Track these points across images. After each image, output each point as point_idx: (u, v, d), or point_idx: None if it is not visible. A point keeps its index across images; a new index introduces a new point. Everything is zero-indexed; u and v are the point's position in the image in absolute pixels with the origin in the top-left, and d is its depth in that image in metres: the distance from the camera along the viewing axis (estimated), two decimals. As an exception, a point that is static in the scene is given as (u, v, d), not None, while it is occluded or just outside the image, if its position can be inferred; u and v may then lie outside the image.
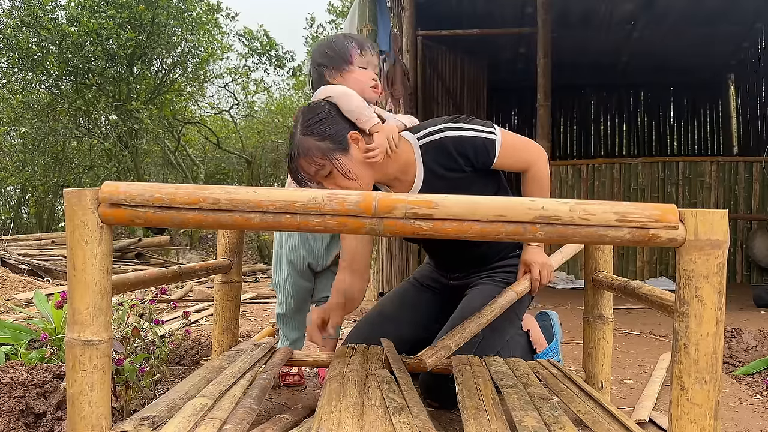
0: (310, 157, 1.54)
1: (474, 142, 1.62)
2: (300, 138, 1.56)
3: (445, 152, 1.64)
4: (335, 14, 14.33)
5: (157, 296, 2.23)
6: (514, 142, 1.68)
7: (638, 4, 5.96)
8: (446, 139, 1.63)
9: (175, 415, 1.05)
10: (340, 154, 1.55)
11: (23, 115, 9.38)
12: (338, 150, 1.55)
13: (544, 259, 1.72)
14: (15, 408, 1.41)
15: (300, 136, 1.56)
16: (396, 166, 1.66)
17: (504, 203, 0.94)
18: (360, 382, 1.28)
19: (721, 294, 0.92)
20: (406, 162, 1.67)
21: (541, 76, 5.30)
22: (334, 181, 1.57)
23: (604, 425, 1.10)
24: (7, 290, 4.24)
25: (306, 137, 1.55)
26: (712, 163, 5.89)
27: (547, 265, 1.71)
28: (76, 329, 0.98)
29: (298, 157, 1.56)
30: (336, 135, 1.56)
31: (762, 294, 4.12)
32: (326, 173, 1.56)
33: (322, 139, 1.55)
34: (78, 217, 0.97)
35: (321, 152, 1.54)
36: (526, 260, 1.74)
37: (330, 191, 0.97)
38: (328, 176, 1.56)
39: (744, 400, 1.95)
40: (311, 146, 1.54)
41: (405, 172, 1.68)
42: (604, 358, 1.55)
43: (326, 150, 1.54)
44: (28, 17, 8.84)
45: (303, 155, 1.55)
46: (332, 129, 1.56)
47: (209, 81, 12.07)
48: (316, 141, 1.55)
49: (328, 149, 1.54)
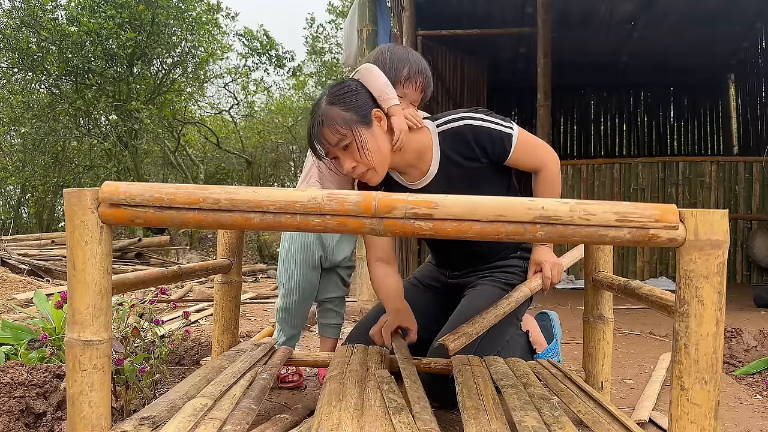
0: (334, 127, 1.55)
1: (492, 133, 1.64)
2: (325, 108, 1.57)
3: (463, 141, 1.66)
4: (335, 14, 14.34)
5: (157, 296, 2.22)
6: (530, 140, 1.70)
7: (638, 4, 5.96)
8: (465, 128, 1.65)
9: (175, 415, 1.05)
10: (363, 127, 1.57)
11: (23, 115, 9.38)
12: (362, 123, 1.57)
13: (554, 259, 1.73)
14: (15, 408, 1.41)
15: (325, 105, 1.58)
16: (413, 152, 1.68)
17: (504, 203, 0.94)
18: (360, 382, 1.28)
19: (721, 294, 0.92)
20: (423, 147, 1.68)
21: (541, 76, 5.29)
22: (351, 155, 1.57)
23: (604, 425, 1.10)
24: (7, 290, 4.24)
25: (332, 107, 1.57)
26: (712, 163, 5.89)
27: (558, 264, 1.72)
28: (76, 329, 0.98)
29: (321, 125, 1.56)
30: (361, 108, 1.58)
31: (762, 294, 4.12)
32: (346, 144, 1.56)
33: (347, 109, 1.56)
34: (78, 217, 0.97)
35: (345, 122, 1.55)
36: (536, 259, 1.75)
37: (330, 191, 0.96)
38: (346, 148, 1.57)
39: (744, 400, 1.95)
40: (336, 116, 1.55)
41: (421, 158, 1.69)
42: (604, 358, 1.55)
43: (350, 121, 1.56)
44: (28, 17, 8.84)
45: (327, 124, 1.56)
46: (358, 102, 1.58)
47: (209, 81, 12.07)
48: (341, 111, 1.56)
49: (352, 120, 1.56)
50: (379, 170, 1.61)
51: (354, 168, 1.58)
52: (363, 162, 1.57)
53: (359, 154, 1.56)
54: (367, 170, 1.59)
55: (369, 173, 1.60)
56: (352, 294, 4.57)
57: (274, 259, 10.13)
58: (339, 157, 1.60)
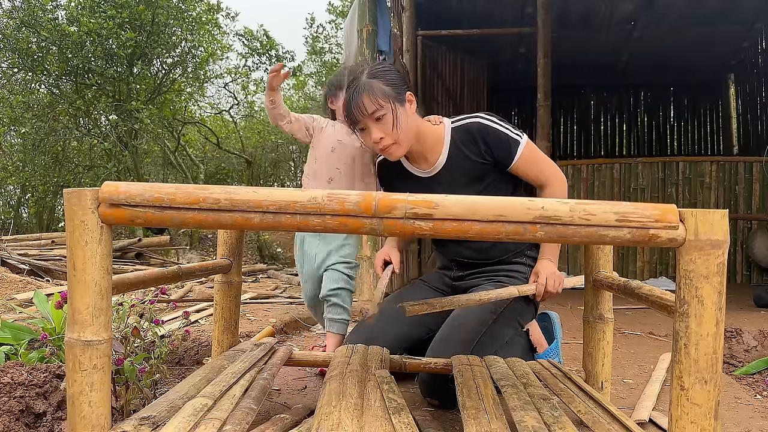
0: (374, 96, 1.65)
1: (498, 135, 1.74)
2: (366, 80, 1.67)
3: (470, 136, 1.76)
4: (335, 14, 14.34)
5: (157, 296, 2.22)
6: (537, 153, 1.78)
7: (638, 4, 5.96)
8: (474, 125, 1.76)
9: (175, 415, 1.05)
10: (399, 104, 1.69)
11: (23, 115, 9.37)
12: (398, 100, 1.69)
13: (553, 270, 1.75)
14: (15, 408, 1.41)
15: (366, 78, 1.68)
16: (428, 142, 1.80)
17: (504, 203, 0.94)
18: (360, 382, 1.28)
19: (721, 294, 0.92)
20: (437, 140, 1.81)
21: (541, 76, 5.30)
22: (382, 127, 1.67)
23: (604, 425, 1.10)
24: (7, 290, 4.24)
25: (373, 80, 1.68)
26: (712, 163, 5.89)
27: (556, 276, 1.73)
28: (76, 329, 0.98)
29: (361, 93, 1.66)
30: (398, 87, 1.70)
31: (762, 294, 4.12)
32: (380, 116, 1.66)
33: (388, 84, 1.68)
34: (78, 217, 0.97)
35: (385, 95, 1.66)
36: (536, 270, 1.77)
37: (330, 191, 0.96)
38: (379, 119, 1.66)
39: (744, 400, 1.95)
40: (377, 87, 1.66)
41: (433, 149, 1.81)
42: (604, 358, 1.55)
43: (390, 95, 1.67)
44: (28, 17, 8.83)
45: (368, 93, 1.65)
46: (396, 81, 1.71)
47: (209, 81, 12.06)
48: (382, 84, 1.67)
49: (391, 94, 1.67)
50: (403, 146, 1.72)
51: (381, 139, 1.68)
52: (392, 135, 1.68)
53: (390, 127, 1.67)
54: (392, 144, 1.69)
55: (393, 147, 1.70)
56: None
57: (274, 259, 10.13)
58: (368, 128, 1.69)
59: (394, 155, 1.74)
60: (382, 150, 1.72)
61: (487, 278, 1.86)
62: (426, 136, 1.79)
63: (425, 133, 1.79)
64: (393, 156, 1.74)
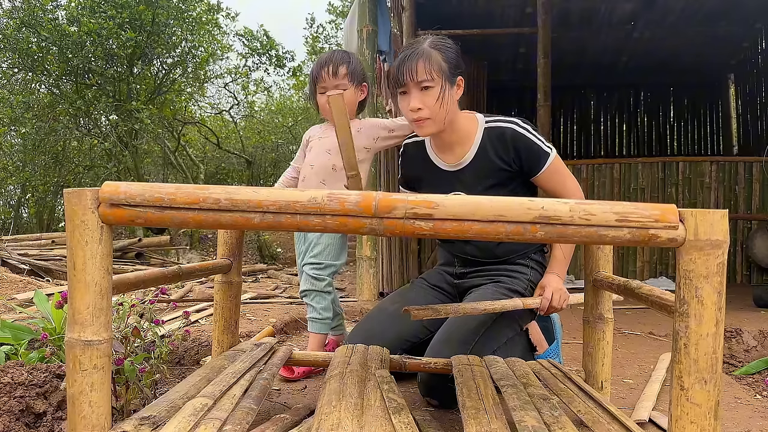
0: (429, 66, 1.65)
1: (531, 145, 1.74)
2: (427, 48, 1.67)
3: (503, 140, 1.75)
4: (335, 14, 14.35)
5: (157, 296, 2.22)
6: (564, 169, 1.80)
7: (638, 4, 5.95)
8: (509, 130, 1.75)
9: (175, 415, 1.05)
10: (449, 84, 1.69)
11: (23, 115, 9.37)
12: (450, 79, 1.69)
13: (559, 286, 1.74)
14: (15, 408, 1.41)
15: (428, 46, 1.68)
16: (459, 133, 1.79)
17: (504, 203, 0.94)
18: (360, 382, 1.28)
19: (721, 294, 0.92)
20: (468, 133, 1.80)
21: (541, 76, 5.29)
22: (425, 98, 1.67)
23: (604, 425, 1.10)
24: (7, 290, 4.24)
25: (435, 50, 1.68)
26: (712, 163, 5.88)
27: (563, 291, 1.73)
28: (76, 329, 0.98)
29: (418, 58, 1.66)
30: (455, 67, 1.71)
31: (762, 294, 4.12)
32: (427, 86, 1.66)
33: (446, 60, 1.69)
34: (78, 217, 0.97)
35: (439, 68, 1.67)
36: (543, 284, 1.77)
37: (330, 192, 0.97)
38: (425, 89, 1.66)
39: (744, 400, 1.95)
40: (435, 59, 1.67)
41: (462, 142, 1.80)
42: (604, 358, 1.55)
43: (444, 70, 1.67)
44: (28, 17, 8.83)
45: (425, 60, 1.65)
46: (455, 61, 1.72)
47: (209, 81, 12.06)
48: (440, 58, 1.68)
49: (445, 70, 1.68)
50: (436, 124, 1.70)
51: (419, 110, 1.67)
52: (431, 109, 1.67)
53: (432, 101, 1.66)
54: (428, 118, 1.68)
55: (428, 122, 1.69)
56: (352, 294, 4.57)
57: (274, 259, 10.13)
58: (409, 94, 1.68)
59: (424, 130, 1.72)
60: (415, 121, 1.70)
61: (489, 278, 1.86)
62: (458, 126, 1.78)
63: (458, 124, 1.78)
64: (423, 131, 1.72)
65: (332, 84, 1.97)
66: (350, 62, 2.00)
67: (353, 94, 2.01)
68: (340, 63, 1.98)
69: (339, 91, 1.89)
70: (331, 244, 2.07)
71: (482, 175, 1.78)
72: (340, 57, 2.00)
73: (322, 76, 1.98)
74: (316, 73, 2.00)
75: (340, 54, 2.03)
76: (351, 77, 1.99)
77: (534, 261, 1.89)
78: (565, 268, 1.81)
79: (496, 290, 1.80)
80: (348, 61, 1.99)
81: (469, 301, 1.80)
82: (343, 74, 1.98)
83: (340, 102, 1.70)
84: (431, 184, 1.85)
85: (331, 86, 1.97)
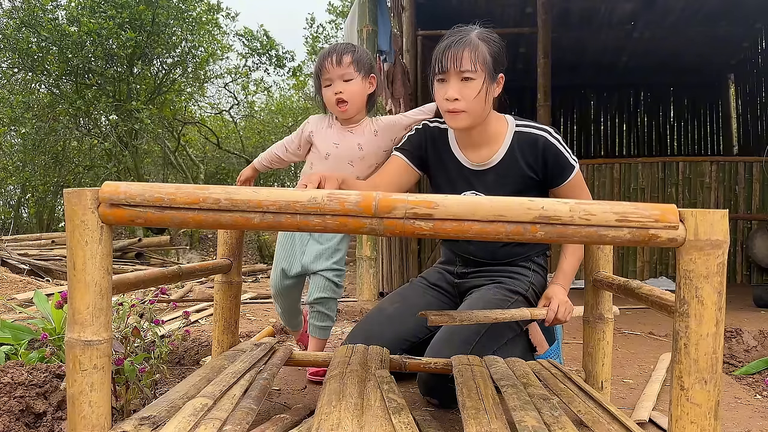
0: (474, 56, 1.61)
1: (559, 156, 1.72)
2: (475, 38, 1.64)
3: (533, 147, 1.72)
4: (335, 14, 14.35)
5: (157, 296, 2.22)
6: (583, 184, 1.79)
7: (638, 4, 5.95)
8: (542, 138, 1.72)
9: (175, 415, 1.05)
10: (490, 77, 1.64)
11: (23, 115, 9.37)
12: (492, 75, 1.64)
13: (565, 298, 1.74)
14: (15, 408, 1.41)
15: (475, 36, 1.64)
16: (488, 133, 1.74)
17: (504, 203, 0.94)
18: (360, 382, 1.28)
19: (721, 294, 0.92)
20: (497, 134, 1.75)
21: (541, 76, 5.29)
22: (464, 89, 1.62)
23: (604, 425, 1.10)
24: (7, 290, 4.24)
25: (482, 42, 1.64)
26: (712, 163, 5.88)
27: (567, 304, 1.73)
28: (76, 329, 0.98)
29: (465, 46, 1.61)
30: (498, 63, 1.66)
31: (762, 294, 4.12)
32: (468, 77, 1.62)
33: (491, 54, 1.64)
34: (78, 217, 0.97)
35: (484, 61, 1.62)
36: (548, 295, 1.75)
37: (330, 191, 0.97)
38: (465, 80, 1.62)
39: (744, 400, 1.95)
40: (482, 50, 1.63)
41: (490, 143, 1.76)
42: (604, 358, 1.55)
43: (488, 64, 1.63)
44: (28, 17, 8.84)
45: (472, 50, 1.61)
46: (500, 57, 1.67)
47: (209, 81, 12.07)
48: (486, 50, 1.63)
49: (490, 65, 1.63)
50: (471, 118, 1.66)
51: (456, 100, 1.62)
52: (468, 101, 1.62)
53: (473, 94, 1.61)
54: (463, 110, 1.64)
55: (463, 115, 1.64)
56: (352, 294, 4.57)
57: (274, 259, 10.11)
58: (448, 82, 1.63)
59: (458, 122, 1.66)
60: (449, 111, 1.64)
61: (491, 278, 1.86)
62: (489, 126, 1.73)
63: (489, 123, 1.73)
64: (456, 123, 1.66)
65: (337, 74, 1.81)
66: (355, 51, 1.85)
67: (361, 85, 1.84)
68: (344, 52, 1.83)
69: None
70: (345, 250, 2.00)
71: (506, 179, 1.75)
72: (343, 46, 1.87)
73: (325, 67, 1.83)
74: (319, 65, 1.85)
75: (343, 44, 1.90)
76: (357, 66, 1.82)
77: (536, 264, 1.88)
78: (570, 281, 1.79)
79: (498, 291, 1.79)
80: (353, 50, 1.85)
81: (470, 303, 1.80)
82: (348, 62, 1.81)
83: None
84: (448, 179, 1.81)
85: (336, 76, 1.81)
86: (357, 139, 1.86)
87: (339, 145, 1.86)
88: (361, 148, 1.85)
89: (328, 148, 1.87)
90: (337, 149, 1.86)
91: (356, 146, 1.85)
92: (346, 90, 1.81)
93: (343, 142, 1.86)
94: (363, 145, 1.86)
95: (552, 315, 1.70)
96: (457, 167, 1.80)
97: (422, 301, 1.91)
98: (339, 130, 1.88)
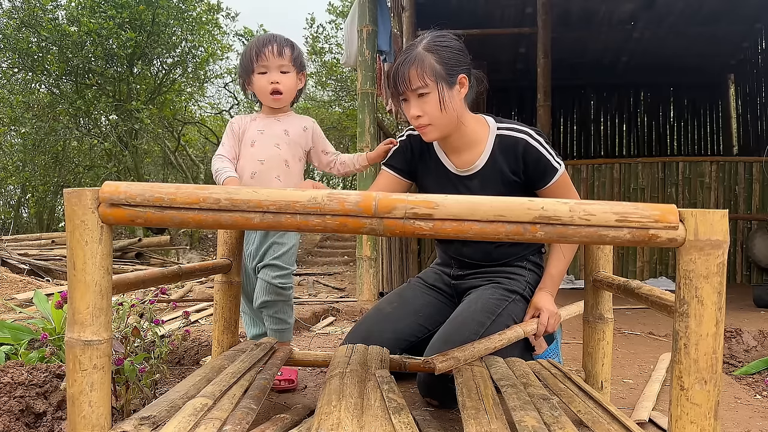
0: (422, 72, 1.59)
1: (540, 158, 1.69)
2: (421, 51, 1.61)
3: (513, 150, 1.70)
4: (335, 14, 14.36)
5: (157, 296, 2.22)
6: (570, 186, 1.75)
7: (638, 4, 5.96)
8: (522, 141, 1.70)
9: (175, 415, 1.05)
10: (447, 86, 1.61)
11: (23, 115, 9.38)
12: (447, 81, 1.62)
13: (554, 309, 1.74)
14: (15, 408, 1.41)
15: (422, 50, 1.62)
16: (468, 137, 1.73)
17: (504, 203, 0.94)
18: (360, 382, 1.28)
19: (721, 294, 0.92)
20: (478, 138, 1.74)
21: (541, 76, 5.30)
22: (423, 105, 1.62)
23: (604, 425, 1.10)
24: (7, 290, 4.24)
25: (428, 53, 1.61)
26: (712, 163, 5.89)
27: (556, 314, 1.73)
28: (76, 329, 0.98)
29: (410, 65, 1.60)
30: (452, 66, 1.63)
31: (762, 294, 4.12)
32: (422, 93, 1.61)
33: (440, 62, 1.61)
34: (78, 217, 0.97)
35: (433, 72, 1.60)
36: (536, 304, 1.76)
37: (330, 191, 0.97)
38: (421, 96, 1.61)
39: (744, 400, 1.95)
40: (428, 63, 1.60)
41: (472, 147, 1.74)
42: (604, 358, 1.55)
43: (439, 74, 1.60)
44: (28, 17, 8.84)
45: (417, 67, 1.59)
46: (452, 60, 1.63)
47: (209, 81, 12.07)
48: (434, 61, 1.60)
49: (441, 74, 1.60)
50: (439, 129, 1.65)
51: (418, 117, 1.63)
52: (430, 116, 1.62)
53: (431, 107, 1.61)
54: (428, 124, 1.64)
55: (429, 128, 1.65)
56: (352, 294, 4.57)
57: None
58: (409, 101, 1.63)
59: (428, 136, 1.67)
60: (417, 128, 1.67)
61: (488, 279, 1.86)
62: (467, 130, 1.72)
63: (467, 127, 1.71)
64: (426, 137, 1.68)
65: (276, 64, 1.79)
66: (294, 47, 1.85)
67: (295, 80, 1.84)
68: (285, 44, 1.81)
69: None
70: (295, 246, 1.88)
71: (490, 183, 1.74)
72: (283, 38, 1.84)
73: (264, 55, 1.78)
74: (256, 52, 1.79)
75: (282, 36, 1.86)
76: (295, 61, 1.83)
77: (531, 263, 1.88)
78: (558, 286, 1.80)
79: (495, 291, 1.79)
80: (292, 45, 1.84)
81: (467, 303, 1.80)
82: (289, 56, 1.80)
83: None
84: (437, 184, 1.81)
85: (274, 66, 1.79)
86: (283, 126, 1.85)
87: (264, 132, 1.84)
88: (287, 133, 1.83)
89: (254, 136, 1.84)
90: (263, 135, 1.83)
91: (282, 132, 1.83)
92: (282, 81, 1.81)
93: (268, 128, 1.84)
94: (289, 131, 1.85)
95: (542, 329, 1.72)
96: (444, 173, 1.81)
97: (421, 302, 1.91)
98: (264, 119, 1.86)
